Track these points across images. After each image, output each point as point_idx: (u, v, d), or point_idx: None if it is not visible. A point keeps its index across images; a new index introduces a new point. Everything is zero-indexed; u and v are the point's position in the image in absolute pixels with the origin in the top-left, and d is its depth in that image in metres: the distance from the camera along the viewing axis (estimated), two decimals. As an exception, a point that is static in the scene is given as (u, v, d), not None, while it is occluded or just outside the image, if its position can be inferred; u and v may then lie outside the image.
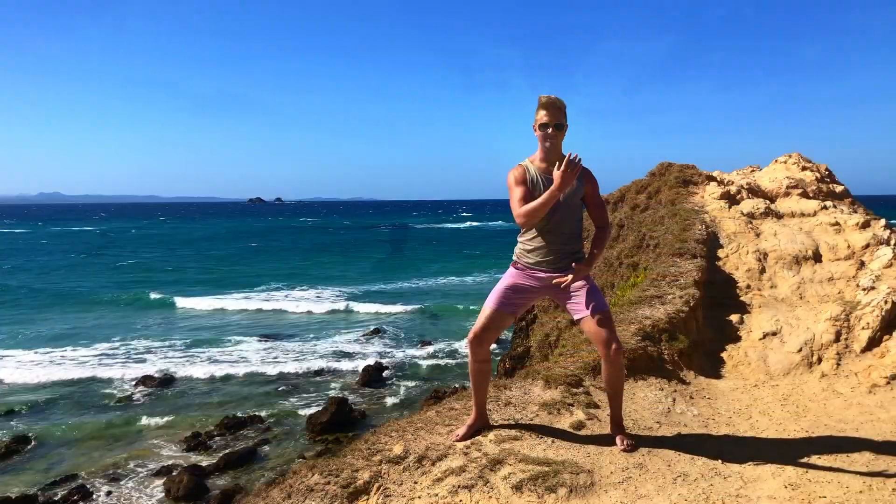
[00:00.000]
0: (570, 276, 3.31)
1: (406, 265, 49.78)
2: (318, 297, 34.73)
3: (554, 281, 3.38)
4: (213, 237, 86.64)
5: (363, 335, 24.81)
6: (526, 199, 3.28)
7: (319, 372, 19.71)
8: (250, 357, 21.58)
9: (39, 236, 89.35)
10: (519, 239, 3.51)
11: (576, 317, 3.43)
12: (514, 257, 3.53)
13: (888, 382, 4.87)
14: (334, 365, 20.45)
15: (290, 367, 20.30)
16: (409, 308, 30.66)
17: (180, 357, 21.62)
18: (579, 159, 3.12)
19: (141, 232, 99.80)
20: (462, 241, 76.54)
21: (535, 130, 3.35)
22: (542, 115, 3.28)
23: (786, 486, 3.07)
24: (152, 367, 20.25)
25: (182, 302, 32.29)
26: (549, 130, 3.28)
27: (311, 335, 24.92)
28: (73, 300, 33.37)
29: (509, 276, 3.51)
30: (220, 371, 19.95)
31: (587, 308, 3.35)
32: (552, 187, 3.15)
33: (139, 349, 22.72)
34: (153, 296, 34.11)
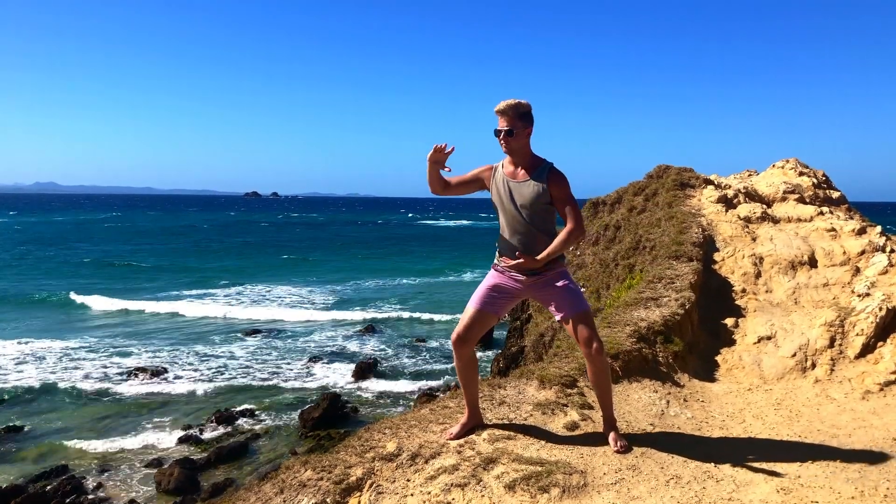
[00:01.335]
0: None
1: (400, 262, 49.73)
2: (310, 293, 34.70)
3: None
4: (194, 231, 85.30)
5: (356, 332, 24.80)
6: (460, 181, 3.55)
7: (312, 367, 19.69)
8: (242, 353, 21.55)
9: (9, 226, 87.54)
10: (497, 243, 3.56)
11: (557, 317, 3.45)
12: (495, 259, 3.57)
13: (882, 389, 4.89)
14: (327, 361, 20.44)
15: (282, 363, 20.29)
16: (403, 305, 30.66)
17: (170, 352, 21.55)
18: (447, 149, 3.34)
19: (119, 224, 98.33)
20: (457, 238, 76.54)
21: None
22: (498, 123, 3.36)
23: (778, 491, 3.07)
24: (142, 362, 20.20)
25: (161, 307, 29.54)
26: (501, 136, 3.35)
27: (304, 331, 24.89)
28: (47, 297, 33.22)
29: (491, 277, 3.54)
30: (211, 366, 19.93)
31: (568, 308, 3.37)
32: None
33: (126, 345, 22.61)
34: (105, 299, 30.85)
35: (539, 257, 3.31)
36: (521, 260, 3.31)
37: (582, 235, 3.35)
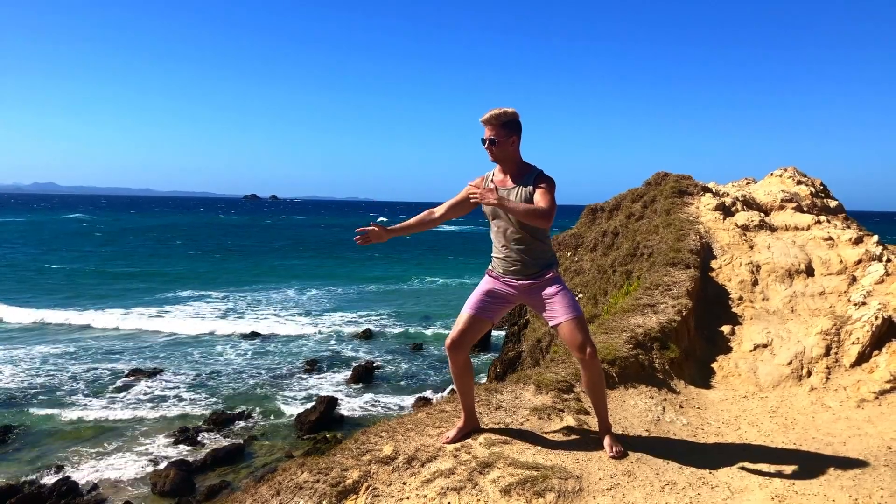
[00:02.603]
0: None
1: (398, 267, 49.71)
2: (307, 296, 34.68)
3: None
4: (164, 231, 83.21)
5: (354, 336, 24.79)
6: (452, 204, 3.56)
7: (309, 371, 19.68)
8: (239, 355, 21.52)
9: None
10: (492, 247, 3.58)
11: (551, 323, 3.45)
12: (490, 265, 3.58)
13: (876, 397, 4.91)
14: (324, 365, 20.42)
15: (280, 366, 20.27)
16: (401, 310, 30.65)
17: (167, 353, 21.52)
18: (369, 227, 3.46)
19: (99, 226, 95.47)
20: (453, 243, 76.51)
21: None
22: (484, 132, 3.39)
23: (772, 498, 3.09)
24: (140, 362, 20.17)
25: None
26: (486, 146, 3.39)
27: (302, 335, 24.87)
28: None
29: (485, 283, 3.56)
30: (210, 366, 19.91)
31: (561, 314, 3.37)
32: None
33: (119, 347, 22.56)
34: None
35: (499, 195, 3.21)
36: (488, 191, 3.20)
37: (545, 220, 3.20)
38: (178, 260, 51.24)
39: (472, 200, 3.37)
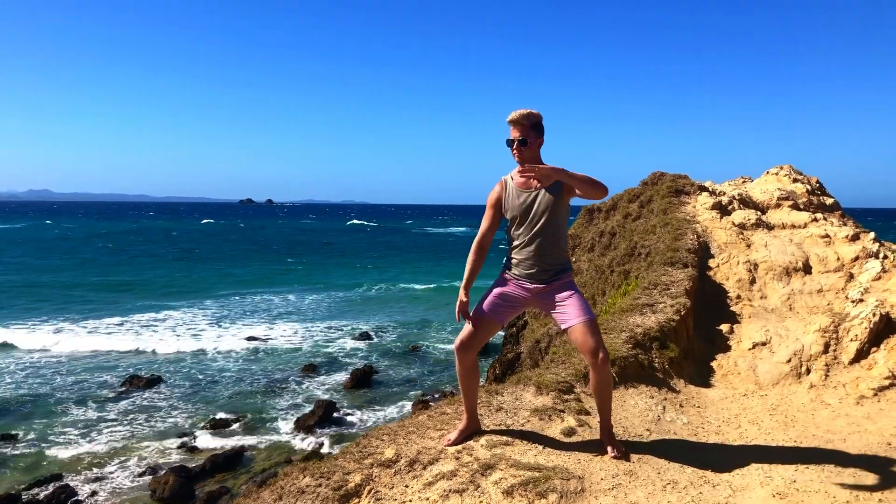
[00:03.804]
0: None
1: (395, 271, 49.66)
2: (304, 301, 34.63)
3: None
4: (113, 238, 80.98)
5: (352, 339, 24.76)
6: (490, 225, 3.48)
7: (306, 376, 19.64)
8: (235, 361, 21.47)
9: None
10: (508, 254, 3.56)
11: (563, 326, 3.44)
12: (504, 267, 3.57)
13: (875, 394, 4.92)
14: (321, 369, 20.39)
15: (276, 370, 20.23)
16: (398, 314, 30.62)
17: (162, 361, 21.46)
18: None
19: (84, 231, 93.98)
20: (451, 246, 76.48)
21: None
22: (510, 132, 3.37)
23: (774, 496, 3.10)
24: (136, 371, 20.11)
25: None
26: (514, 146, 3.36)
27: (299, 338, 24.83)
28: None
29: (498, 285, 3.54)
30: (206, 372, 19.86)
31: (574, 317, 3.36)
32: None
33: (115, 354, 22.48)
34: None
35: (556, 167, 3.18)
36: (534, 171, 3.17)
37: (603, 188, 3.21)
38: (170, 268, 50.38)
39: (525, 179, 3.31)
